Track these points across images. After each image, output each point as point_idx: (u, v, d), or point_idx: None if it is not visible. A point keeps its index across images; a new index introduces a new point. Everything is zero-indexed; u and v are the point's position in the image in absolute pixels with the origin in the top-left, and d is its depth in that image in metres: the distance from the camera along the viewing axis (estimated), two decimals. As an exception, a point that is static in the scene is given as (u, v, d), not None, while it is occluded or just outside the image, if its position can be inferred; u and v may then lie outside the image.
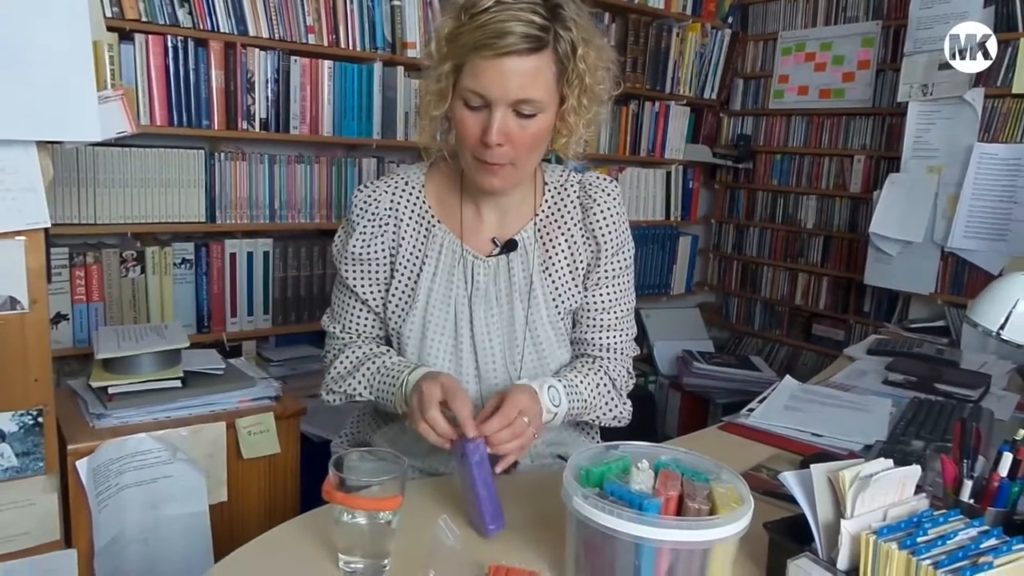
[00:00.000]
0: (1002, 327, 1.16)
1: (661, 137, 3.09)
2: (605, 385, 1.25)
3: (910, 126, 2.52)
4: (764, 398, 1.58)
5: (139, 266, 2.00)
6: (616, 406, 1.27)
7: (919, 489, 0.89)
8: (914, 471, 0.86)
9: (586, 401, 1.21)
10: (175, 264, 2.06)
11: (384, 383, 1.17)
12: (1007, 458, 0.91)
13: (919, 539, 0.78)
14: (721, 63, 3.21)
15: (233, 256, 2.14)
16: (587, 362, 1.26)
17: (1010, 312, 1.15)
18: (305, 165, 2.23)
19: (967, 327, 1.66)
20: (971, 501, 0.91)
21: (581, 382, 1.20)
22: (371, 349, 1.24)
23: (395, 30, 2.31)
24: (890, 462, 0.86)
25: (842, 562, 0.81)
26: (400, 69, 2.31)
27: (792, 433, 1.40)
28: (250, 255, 2.17)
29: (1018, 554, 0.77)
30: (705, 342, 3.23)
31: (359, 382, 1.20)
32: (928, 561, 0.75)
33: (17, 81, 1.09)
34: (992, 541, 0.79)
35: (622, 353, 1.28)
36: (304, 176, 2.23)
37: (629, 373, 1.30)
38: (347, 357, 1.24)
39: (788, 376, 1.71)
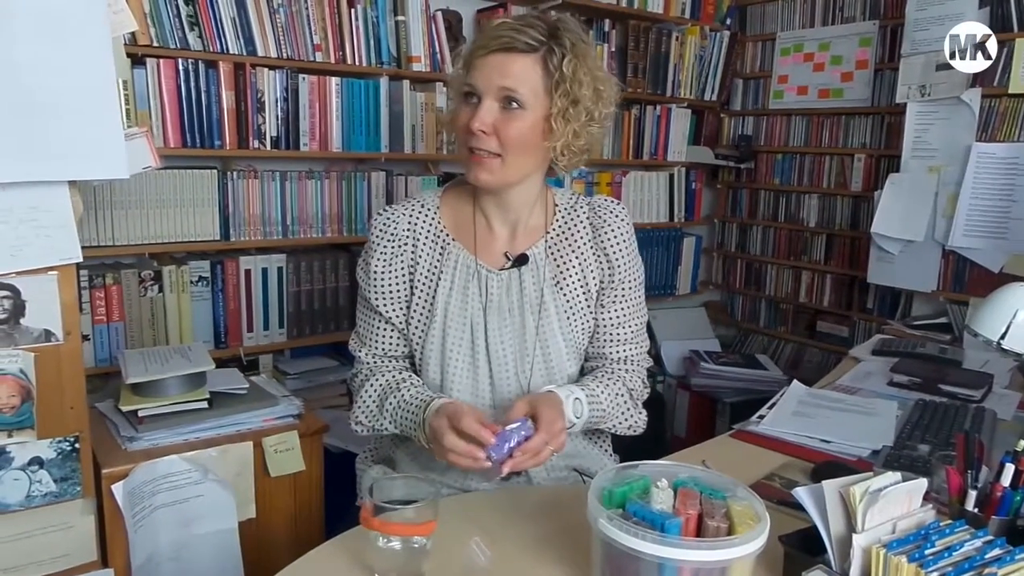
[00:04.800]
0: (1003, 337, 1.19)
1: (663, 140, 3.12)
2: (622, 395, 1.30)
3: (909, 126, 2.55)
4: (773, 404, 1.62)
5: (157, 285, 2.04)
6: (632, 416, 1.32)
7: (927, 497, 0.93)
8: (920, 484, 0.90)
9: (604, 411, 1.26)
10: (192, 282, 2.10)
11: (406, 419, 1.22)
12: (1009, 469, 0.95)
13: (927, 551, 0.82)
14: (721, 65, 3.23)
15: (248, 272, 2.18)
16: (607, 372, 1.32)
17: (1010, 322, 1.19)
18: (315, 180, 2.27)
19: (969, 328, 1.70)
20: (976, 511, 0.96)
21: (602, 392, 1.26)
22: (393, 377, 1.28)
23: (400, 45, 2.35)
24: (898, 475, 0.90)
25: (854, 574, 0.85)
26: (406, 83, 2.34)
27: (801, 440, 1.44)
28: (264, 271, 2.21)
29: (1020, 564, 0.81)
30: (711, 341, 3.27)
31: (385, 417, 1.26)
32: (936, 573, 0.79)
33: (49, 124, 1.14)
34: (996, 551, 0.83)
35: (638, 364, 1.35)
36: (315, 191, 2.27)
37: (644, 383, 1.36)
38: (372, 387, 1.29)
39: (796, 381, 1.75)
